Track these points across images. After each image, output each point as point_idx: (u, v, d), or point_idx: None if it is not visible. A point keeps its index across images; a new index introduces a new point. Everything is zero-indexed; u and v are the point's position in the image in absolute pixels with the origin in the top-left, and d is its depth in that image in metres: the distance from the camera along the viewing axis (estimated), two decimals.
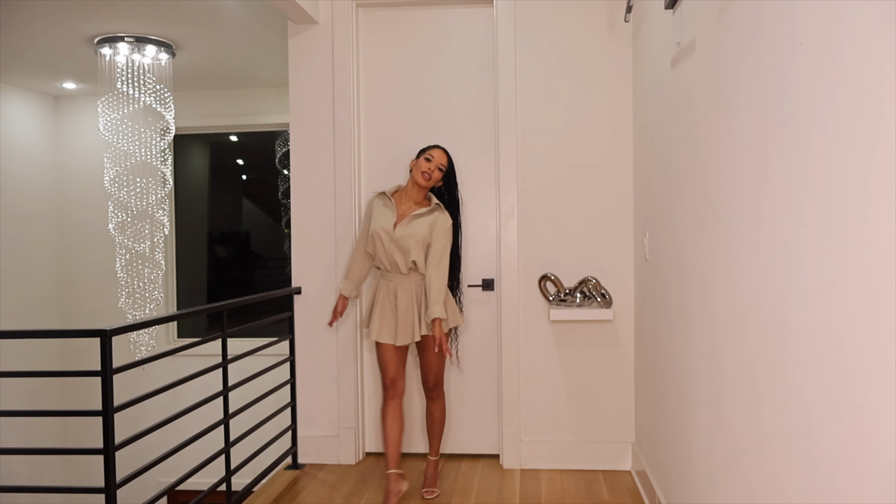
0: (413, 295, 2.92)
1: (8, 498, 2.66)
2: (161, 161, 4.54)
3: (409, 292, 2.92)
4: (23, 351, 5.03)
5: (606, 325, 3.28)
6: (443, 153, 3.01)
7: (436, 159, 2.97)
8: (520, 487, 3.10)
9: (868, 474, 1.00)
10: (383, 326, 2.92)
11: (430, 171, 2.94)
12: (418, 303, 2.93)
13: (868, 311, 0.99)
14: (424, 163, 2.95)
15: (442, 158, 2.99)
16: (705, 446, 1.93)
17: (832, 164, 1.10)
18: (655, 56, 2.63)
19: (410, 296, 2.92)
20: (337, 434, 3.42)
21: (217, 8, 3.65)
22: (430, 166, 2.94)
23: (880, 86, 0.94)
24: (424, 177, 2.93)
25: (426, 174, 2.93)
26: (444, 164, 2.99)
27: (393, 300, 2.93)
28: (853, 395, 1.04)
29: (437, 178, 2.97)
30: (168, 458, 2.38)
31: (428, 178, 2.93)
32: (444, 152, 3.02)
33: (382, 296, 2.95)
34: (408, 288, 2.92)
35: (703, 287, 1.94)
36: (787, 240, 1.29)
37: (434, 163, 2.96)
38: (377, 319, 2.93)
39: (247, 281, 6.58)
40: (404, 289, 2.92)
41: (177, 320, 5.59)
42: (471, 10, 3.41)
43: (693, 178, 2.04)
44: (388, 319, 2.93)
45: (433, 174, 2.95)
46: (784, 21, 1.29)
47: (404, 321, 2.90)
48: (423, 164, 2.94)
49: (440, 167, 2.98)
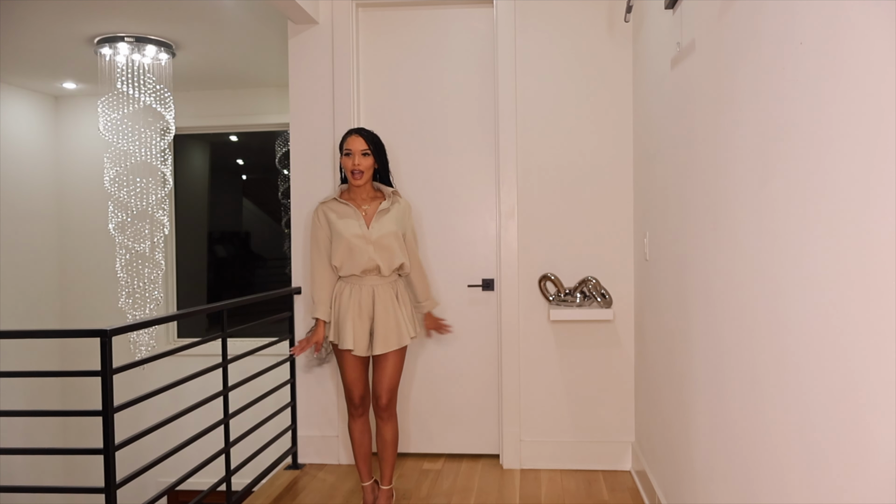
0: (394, 296, 2.74)
1: (8, 498, 2.67)
2: (161, 161, 4.54)
3: (389, 294, 2.72)
4: (23, 351, 5.03)
5: (606, 325, 3.28)
6: (358, 138, 2.72)
7: (355, 149, 2.70)
8: (520, 487, 3.10)
9: (869, 474, 1.00)
10: (358, 336, 2.68)
11: (357, 166, 2.69)
12: (401, 303, 2.75)
13: (868, 311, 0.99)
14: (347, 161, 2.70)
15: (360, 144, 2.70)
16: (705, 446, 1.93)
17: (832, 164, 1.10)
18: (655, 56, 2.63)
19: (392, 297, 2.73)
20: (337, 434, 3.42)
21: (217, 8, 3.65)
22: (354, 162, 2.69)
23: (880, 86, 0.94)
24: (356, 176, 2.70)
25: (356, 172, 2.69)
26: (366, 148, 2.71)
27: (369, 306, 2.69)
28: (854, 394, 1.04)
29: (368, 165, 2.71)
30: (168, 458, 2.38)
31: (360, 176, 2.70)
32: (358, 136, 2.72)
33: (354, 303, 2.69)
34: (387, 289, 2.72)
35: (703, 287, 1.94)
36: (787, 239, 1.29)
37: (355, 156, 2.70)
38: (349, 329, 2.66)
39: (247, 281, 6.58)
40: (384, 291, 2.71)
41: (177, 320, 5.59)
42: (471, 10, 3.41)
43: (693, 177, 2.04)
44: (362, 328, 2.68)
45: (362, 165, 2.69)
46: (784, 21, 1.29)
47: (385, 326, 2.68)
48: (347, 164, 2.70)
49: (364, 152, 2.70)
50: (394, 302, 2.73)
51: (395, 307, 2.72)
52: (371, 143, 2.73)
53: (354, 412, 2.81)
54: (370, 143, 2.73)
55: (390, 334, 2.70)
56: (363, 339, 2.68)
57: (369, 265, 2.69)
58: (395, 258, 2.73)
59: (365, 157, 2.71)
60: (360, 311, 2.70)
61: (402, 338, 2.73)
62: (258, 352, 3.14)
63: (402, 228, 2.79)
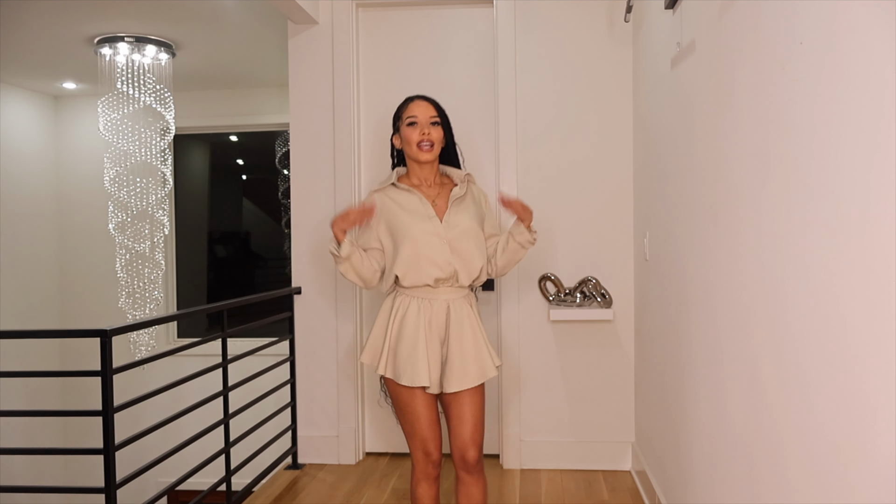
0: (474, 313, 2.14)
1: (8, 498, 2.67)
2: (161, 161, 4.54)
3: (466, 311, 2.11)
4: (23, 351, 5.02)
5: (606, 325, 3.28)
6: (425, 103, 2.20)
7: (422, 117, 2.16)
8: (520, 487, 3.10)
9: (869, 474, 1.00)
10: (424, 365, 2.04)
11: (427, 136, 2.13)
12: (479, 323, 2.14)
13: (869, 311, 0.99)
14: (411, 131, 2.14)
15: (428, 110, 2.18)
16: (705, 446, 1.93)
17: (832, 163, 1.10)
18: (655, 56, 2.63)
19: (472, 315, 2.12)
20: (337, 434, 3.42)
21: (217, 8, 3.65)
22: (422, 131, 2.14)
23: (880, 85, 0.94)
24: (423, 148, 2.13)
25: (424, 144, 2.13)
26: (436, 116, 2.18)
27: (442, 327, 2.08)
28: (855, 394, 1.04)
29: (438, 137, 2.17)
30: (168, 458, 2.39)
31: (429, 148, 2.13)
32: (426, 101, 2.21)
33: (423, 322, 2.07)
34: (463, 305, 2.12)
35: (703, 287, 1.94)
36: (788, 239, 1.29)
37: (423, 122, 2.15)
38: (421, 358, 2.04)
39: (247, 281, 6.59)
40: (460, 308, 2.10)
41: (177, 320, 5.60)
42: (471, 10, 3.41)
43: (693, 178, 2.04)
44: (435, 357, 2.07)
45: (432, 136, 2.14)
46: (784, 21, 1.29)
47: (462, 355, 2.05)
48: (412, 134, 2.14)
49: (434, 121, 2.17)
50: (472, 321, 2.11)
51: (473, 329, 2.10)
52: (441, 112, 2.21)
53: (430, 472, 2.15)
54: (440, 111, 2.20)
55: (470, 365, 2.06)
56: (433, 369, 2.06)
57: (445, 272, 2.09)
58: (474, 262, 2.13)
59: (434, 127, 2.16)
60: (431, 333, 2.08)
61: (486, 369, 2.09)
62: (258, 352, 3.14)
63: (481, 222, 2.20)
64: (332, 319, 3.39)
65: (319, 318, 3.40)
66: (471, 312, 2.12)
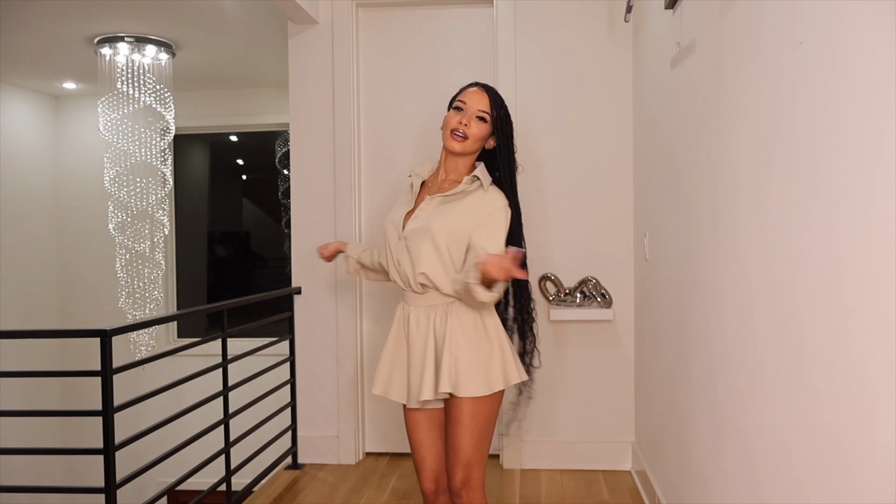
0: (430, 328, 1.84)
1: (8, 498, 2.66)
2: (161, 161, 4.54)
3: (423, 323, 1.85)
4: (23, 351, 5.03)
5: (606, 325, 3.28)
6: (481, 93, 1.91)
7: (471, 106, 1.88)
8: (520, 487, 3.09)
9: (870, 473, 1.00)
10: (393, 376, 1.90)
11: (464, 126, 1.87)
12: (437, 341, 1.83)
13: (870, 310, 0.99)
14: (452, 116, 1.89)
15: (480, 102, 1.89)
16: (706, 446, 1.93)
17: (833, 163, 1.10)
18: (655, 56, 2.63)
19: (426, 329, 1.84)
20: (337, 434, 3.42)
21: (217, 8, 3.65)
22: (461, 119, 1.88)
23: (881, 85, 0.94)
24: (455, 138, 1.87)
25: (457, 133, 1.87)
26: (487, 111, 1.88)
27: (404, 335, 1.90)
28: (856, 393, 1.04)
29: (478, 134, 1.88)
30: (168, 458, 2.39)
31: (461, 140, 1.86)
32: (484, 91, 1.92)
33: (395, 329, 1.93)
34: (422, 317, 1.86)
35: (703, 287, 1.94)
36: (788, 239, 1.29)
37: (469, 111, 1.88)
38: (386, 364, 1.92)
39: (247, 281, 6.58)
40: (417, 317, 1.86)
41: (177, 320, 5.60)
42: (471, 10, 3.41)
43: (693, 178, 2.04)
44: (399, 365, 1.90)
45: (470, 129, 1.87)
46: (784, 21, 1.29)
47: (453, 359, 1.80)
48: (452, 119, 1.88)
49: (480, 115, 1.88)
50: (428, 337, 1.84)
51: (427, 344, 1.83)
52: (497, 109, 1.91)
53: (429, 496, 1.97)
54: (496, 107, 1.91)
55: (469, 371, 1.79)
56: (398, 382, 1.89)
57: (398, 269, 1.90)
58: (418, 262, 1.83)
59: (478, 121, 1.89)
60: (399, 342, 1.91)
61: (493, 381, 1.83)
62: (258, 352, 3.14)
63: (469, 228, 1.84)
64: (332, 319, 3.39)
65: (319, 318, 3.40)
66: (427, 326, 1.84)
